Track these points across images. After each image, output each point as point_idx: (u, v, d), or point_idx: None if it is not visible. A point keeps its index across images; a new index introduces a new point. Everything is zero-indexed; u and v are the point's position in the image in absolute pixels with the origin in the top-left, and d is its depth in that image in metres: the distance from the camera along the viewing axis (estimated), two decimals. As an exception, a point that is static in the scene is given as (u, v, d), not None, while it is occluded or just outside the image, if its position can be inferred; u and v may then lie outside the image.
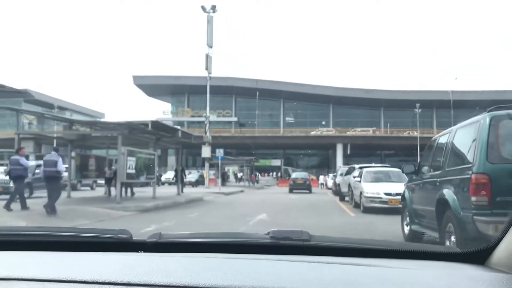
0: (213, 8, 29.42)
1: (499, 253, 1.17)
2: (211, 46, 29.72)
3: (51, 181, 10.59)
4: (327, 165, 56.95)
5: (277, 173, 54.90)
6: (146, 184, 20.29)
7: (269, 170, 58.37)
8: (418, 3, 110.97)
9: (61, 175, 11.05)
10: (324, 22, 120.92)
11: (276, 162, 59.05)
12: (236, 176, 46.05)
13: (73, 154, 16.06)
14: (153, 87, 60.81)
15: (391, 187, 12.62)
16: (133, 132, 13.50)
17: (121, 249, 1.35)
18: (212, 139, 29.91)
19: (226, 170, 43.39)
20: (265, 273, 1.09)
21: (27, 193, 13.76)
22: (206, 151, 28.17)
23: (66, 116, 23.73)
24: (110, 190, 16.64)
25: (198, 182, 34.45)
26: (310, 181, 29.04)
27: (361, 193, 13.24)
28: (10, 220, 9.15)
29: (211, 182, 31.95)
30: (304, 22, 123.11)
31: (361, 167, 16.04)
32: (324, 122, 59.35)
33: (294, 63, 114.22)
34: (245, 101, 61.15)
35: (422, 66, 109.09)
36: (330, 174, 33.83)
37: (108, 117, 67.80)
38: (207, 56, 29.35)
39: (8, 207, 10.43)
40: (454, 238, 4.49)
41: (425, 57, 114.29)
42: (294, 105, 61.26)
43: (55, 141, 23.04)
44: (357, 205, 14.03)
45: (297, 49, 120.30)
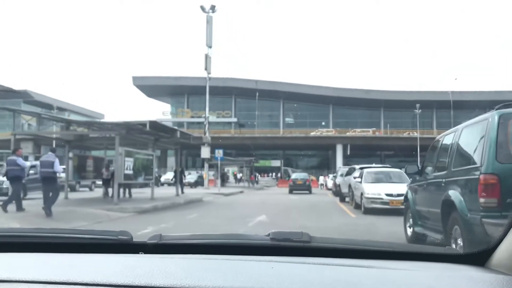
0: (213, 8, 29.30)
1: (500, 254, 1.17)
2: (210, 46, 29.60)
3: (48, 182, 10.46)
4: (327, 166, 56.83)
5: (277, 174, 54.77)
6: (145, 185, 20.14)
7: (269, 171, 58.27)
8: (418, 3, 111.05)
9: (58, 176, 10.91)
10: (324, 22, 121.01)
11: (276, 163, 58.99)
12: (235, 177, 45.90)
13: (70, 155, 15.94)
14: (153, 88, 60.76)
15: (392, 188, 12.54)
16: (131, 133, 13.32)
17: (121, 250, 1.35)
18: (211, 140, 29.80)
19: (225, 171, 43.27)
20: (266, 274, 1.09)
21: (22, 194, 13.56)
22: (205, 152, 28.06)
23: (63, 116, 23.50)
24: (107, 191, 16.47)
25: (197, 183, 34.39)
26: (310, 182, 28.97)
27: (362, 194, 13.11)
28: (6, 221, 9.01)
29: (211, 183, 31.84)
30: (303, 22, 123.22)
31: (362, 168, 15.96)
32: (324, 123, 59.27)
33: (294, 63, 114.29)
34: (244, 101, 61.08)
35: (422, 66, 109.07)
36: (330, 175, 33.65)
37: (108, 118, 67.60)
38: (207, 56, 29.23)
39: (5, 208, 10.27)
40: (460, 240, 4.32)
41: (425, 57, 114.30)
42: (293, 105, 61.20)
43: (54, 142, 22.86)
44: (357, 206, 13.91)
45: (296, 50, 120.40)
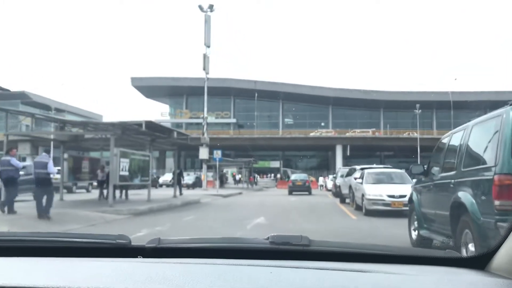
0: (211, 7, 29.03)
1: (499, 258, 1.16)
2: (208, 46, 29.35)
3: (42, 183, 10.23)
4: (326, 167, 56.55)
5: (275, 175, 54.49)
6: (143, 187, 19.88)
7: (268, 172, 57.98)
8: (417, 3, 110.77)
9: (51, 177, 10.66)
10: (323, 22, 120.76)
11: (275, 164, 58.74)
12: (234, 178, 45.64)
13: (65, 156, 15.64)
14: (151, 89, 60.52)
15: (394, 189, 12.30)
16: (127, 133, 13.02)
17: (119, 254, 1.32)
18: (210, 141, 29.53)
19: (224, 172, 43.01)
20: (265, 279, 1.08)
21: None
22: (203, 153, 27.80)
23: (57, 116, 23.16)
24: (103, 192, 16.15)
25: (195, 184, 34.13)
26: (310, 183, 28.72)
27: (363, 195, 12.83)
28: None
29: (209, 184, 31.60)
30: (303, 22, 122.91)
31: (363, 168, 15.69)
32: (323, 123, 59.04)
33: (293, 63, 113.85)
34: (243, 102, 60.85)
35: (422, 67, 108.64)
36: (330, 176, 33.36)
37: (106, 119, 67.08)
38: (205, 56, 28.98)
39: (3, 209, 10.11)
40: (472, 246, 4.03)
41: (424, 57, 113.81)
42: (293, 106, 60.95)
43: (52, 143, 22.55)
44: (358, 208, 13.65)
45: (296, 50, 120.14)
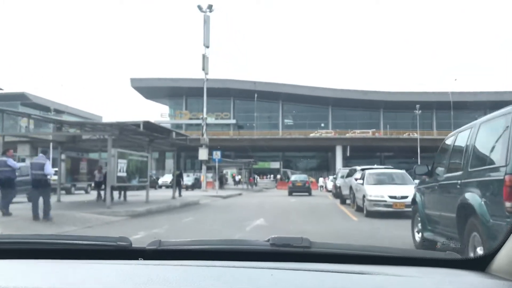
0: (210, 7, 28.88)
1: (500, 259, 1.16)
2: (208, 46, 29.20)
3: (39, 185, 10.07)
4: (326, 167, 56.40)
5: (275, 176, 54.31)
6: (142, 188, 19.69)
7: (268, 173, 57.80)
8: (417, 4, 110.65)
9: (48, 178, 10.51)
10: (323, 23, 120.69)
11: (275, 165, 58.58)
12: (234, 179, 45.47)
13: (63, 157, 15.46)
14: (151, 90, 60.40)
15: (396, 190, 12.15)
16: (124, 134, 12.84)
17: (120, 256, 1.32)
18: (209, 142, 29.36)
19: (224, 173, 42.82)
20: (265, 281, 1.08)
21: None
22: (203, 154, 27.63)
23: (54, 117, 22.95)
24: (100, 194, 15.94)
25: (195, 185, 33.97)
26: (310, 184, 28.56)
27: (364, 196, 12.65)
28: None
29: (209, 185, 31.42)
30: (303, 23, 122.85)
31: (363, 169, 15.51)
32: (323, 124, 58.91)
33: (293, 64, 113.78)
34: (243, 103, 60.72)
35: (422, 67, 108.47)
36: (330, 177, 33.18)
37: (106, 120, 67.02)
38: (204, 57, 28.83)
39: (7, 211, 10.02)
40: (480, 249, 3.85)
41: (424, 57, 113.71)
42: (293, 107, 60.82)
43: (51, 144, 22.37)
44: (359, 209, 13.48)
45: (296, 50, 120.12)
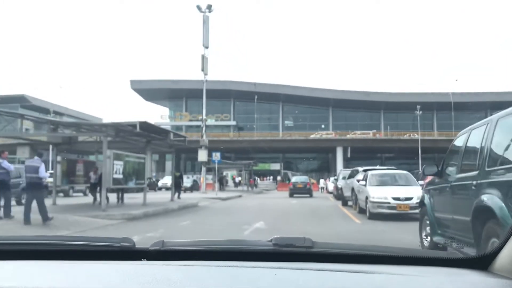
0: (209, 7, 28.54)
1: (502, 258, 1.15)
2: (207, 47, 28.88)
3: (33, 188, 9.78)
4: (327, 169, 56.10)
5: (275, 177, 53.97)
6: (141, 190, 19.35)
7: (268, 174, 57.46)
8: (417, 4, 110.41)
9: (43, 181, 10.22)
10: (323, 24, 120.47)
11: (275, 166, 58.26)
12: (234, 180, 45.13)
13: (59, 159, 15.14)
14: (151, 92, 60.18)
15: (400, 191, 11.82)
16: (121, 134, 12.49)
17: (123, 257, 1.30)
18: (209, 143, 29.04)
19: (224, 175, 42.49)
20: (268, 281, 1.08)
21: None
22: (202, 155, 27.28)
23: (48, 117, 22.54)
24: (96, 196, 15.56)
25: (193, 187, 33.68)
26: (311, 185, 28.26)
27: (366, 197, 12.30)
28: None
29: (209, 187, 31.11)
30: (303, 24, 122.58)
31: (366, 170, 15.16)
32: (323, 125, 58.64)
33: (293, 65, 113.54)
34: (243, 104, 60.50)
35: (422, 67, 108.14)
36: (331, 178, 32.84)
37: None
38: (203, 57, 28.50)
39: (9, 215, 9.90)
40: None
41: (424, 58, 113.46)
42: (293, 108, 60.54)
43: (50, 146, 22.03)
44: (362, 211, 13.15)
45: (296, 51, 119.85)
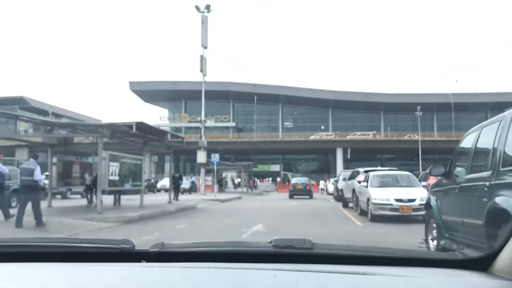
0: (207, 7, 28.31)
1: (502, 259, 1.15)
2: (206, 47, 28.64)
3: (28, 191, 9.54)
4: (327, 170, 55.84)
5: (274, 179, 53.69)
6: (138, 192, 19.07)
7: (268, 176, 57.19)
8: (417, 4, 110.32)
9: (39, 184, 9.98)
10: (323, 24, 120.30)
11: (275, 168, 57.99)
12: (233, 182, 44.86)
13: (54, 160, 14.84)
14: (150, 93, 59.96)
15: (402, 193, 11.54)
16: (117, 135, 12.21)
17: (123, 259, 1.29)
18: (208, 145, 28.78)
19: (223, 176, 42.21)
20: (268, 282, 1.08)
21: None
22: (201, 156, 27.01)
23: (42, 118, 22.21)
24: (92, 198, 15.23)
25: (191, 189, 33.45)
26: (311, 187, 28.02)
27: (368, 199, 12.03)
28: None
29: (208, 189, 30.84)
30: (302, 25, 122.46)
31: (367, 171, 14.89)
32: (323, 127, 58.41)
33: (293, 66, 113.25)
34: (243, 106, 60.30)
35: (422, 68, 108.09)
36: (331, 179, 32.56)
37: (104, 123, 66.17)
38: (202, 58, 28.26)
39: (8, 218, 9.71)
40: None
41: (424, 58, 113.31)
42: (292, 109, 60.31)
43: (49, 148, 21.69)
44: (363, 213, 12.88)
45: (296, 52, 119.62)
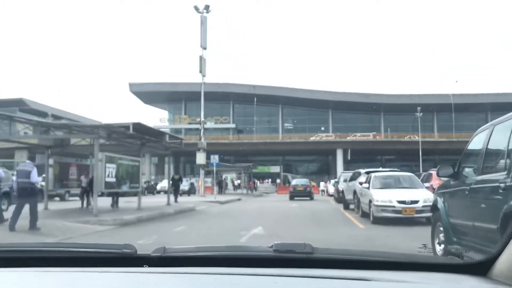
0: (207, 8, 28.12)
1: (501, 264, 1.15)
2: (205, 48, 28.45)
3: (24, 193, 9.34)
4: (327, 171, 55.60)
5: (274, 180, 53.44)
6: (136, 194, 18.83)
7: (268, 177, 56.94)
8: (417, 5, 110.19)
9: (35, 186, 9.75)
10: (323, 25, 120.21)
11: (275, 169, 57.73)
12: (233, 183, 44.62)
13: (51, 162, 14.62)
14: (150, 94, 59.76)
15: (405, 194, 11.30)
16: (113, 136, 11.99)
17: (125, 264, 1.29)
18: (208, 146, 28.59)
19: (223, 178, 41.97)
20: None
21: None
22: (200, 158, 26.80)
23: (39, 119, 21.98)
24: (88, 200, 14.99)
25: (190, 191, 33.26)
26: (311, 188, 27.82)
27: (370, 201, 11.78)
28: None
29: (208, 190, 30.62)
30: (302, 25, 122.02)
31: (368, 172, 14.65)
32: (323, 128, 58.20)
33: (293, 66, 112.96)
34: (243, 107, 60.07)
35: (422, 68, 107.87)
36: (332, 180, 32.33)
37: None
38: (201, 58, 28.07)
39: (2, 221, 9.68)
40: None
41: (424, 58, 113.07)
42: (292, 110, 60.11)
43: (46, 149, 21.48)
44: (364, 215, 12.64)
45: (296, 53, 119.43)
